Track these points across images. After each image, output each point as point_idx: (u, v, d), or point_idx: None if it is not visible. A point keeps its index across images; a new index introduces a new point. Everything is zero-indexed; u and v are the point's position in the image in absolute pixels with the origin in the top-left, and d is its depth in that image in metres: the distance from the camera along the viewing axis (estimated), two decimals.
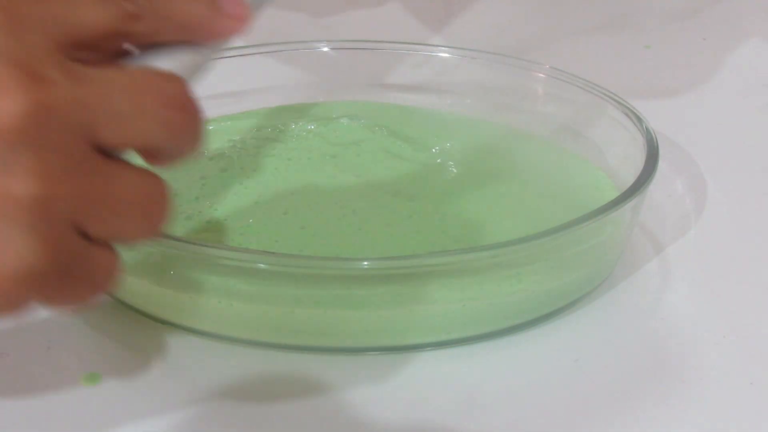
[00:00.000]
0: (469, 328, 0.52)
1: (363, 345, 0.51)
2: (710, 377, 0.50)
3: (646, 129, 0.60)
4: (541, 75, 0.68)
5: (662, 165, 0.61)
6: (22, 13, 0.33)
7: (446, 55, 0.71)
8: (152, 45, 0.36)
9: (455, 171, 0.63)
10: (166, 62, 0.36)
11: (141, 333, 0.53)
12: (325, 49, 0.71)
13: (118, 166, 0.34)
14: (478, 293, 0.51)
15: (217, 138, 0.65)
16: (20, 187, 0.32)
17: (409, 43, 0.71)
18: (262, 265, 0.49)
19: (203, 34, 0.37)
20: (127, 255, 0.49)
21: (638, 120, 0.61)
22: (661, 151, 0.58)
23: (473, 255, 0.50)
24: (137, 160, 0.36)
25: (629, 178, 0.56)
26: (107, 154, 0.34)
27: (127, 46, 0.36)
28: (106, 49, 0.35)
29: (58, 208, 0.33)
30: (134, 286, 0.52)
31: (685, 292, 0.57)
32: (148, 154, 0.36)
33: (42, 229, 0.32)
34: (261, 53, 0.70)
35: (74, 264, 0.34)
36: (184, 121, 0.35)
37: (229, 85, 0.70)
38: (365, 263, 0.49)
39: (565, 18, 0.93)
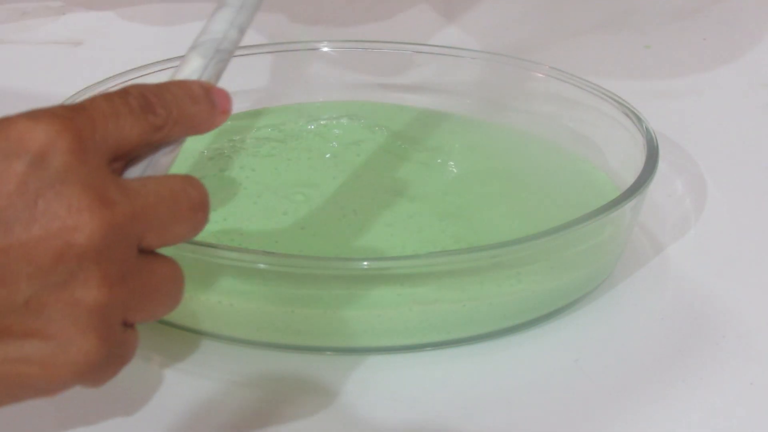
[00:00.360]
0: (469, 328, 0.52)
1: (363, 345, 0.51)
2: (710, 377, 0.50)
3: (646, 129, 0.60)
4: (541, 75, 0.68)
5: (662, 165, 0.61)
6: (85, 137, 0.36)
7: (446, 55, 0.71)
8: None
9: (455, 171, 0.63)
10: (166, 157, 0.41)
11: (141, 333, 0.52)
12: (326, 49, 0.71)
13: (153, 260, 0.39)
14: (478, 293, 0.51)
15: (217, 138, 0.65)
16: (86, 296, 0.36)
17: (409, 43, 0.71)
18: (262, 265, 0.49)
19: (202, 129, 0.41)
20: None
21: (638, 120, 0.61)
22: (661, 151, 0.58)
23: (473, 255, 0.50)
24: None
25: (629, 178, 0.56)
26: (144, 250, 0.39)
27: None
28: (127, 155, 0.39)
29: (114, 309, 0.37)
30: None
31: (685, 292, 0.57)
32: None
33: (101, 329, 0.37)
34: (261, 53, 0.70)
35: (118, 352, 0.38)
36: (204, 218, 0.40)
37: (229, 85, 0.70)
38: (365, 263, 0.49)
39: (565, 18, 0.93)
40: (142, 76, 0.66)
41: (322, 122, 0.67)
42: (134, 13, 0.93)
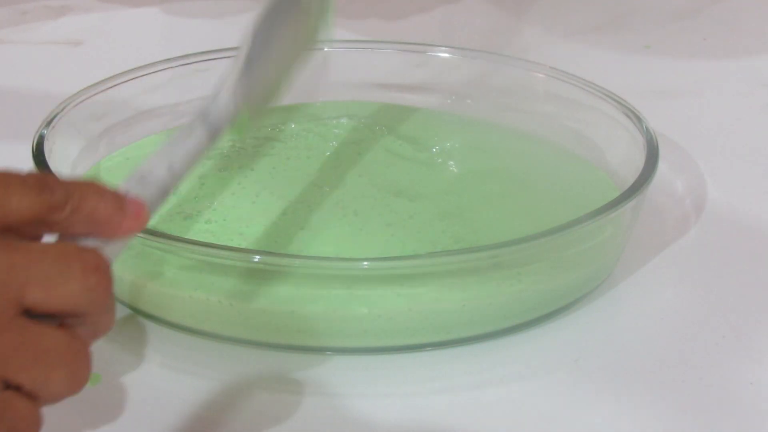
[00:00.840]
0: (469, 328, 0.52)
1: (363, 345, 0.51)
2: (710, 377, 0.50)
3: (646, 129, 0.60)
4: (541, 75, 0.68)
5: (662, 165, 0.61)
6: None
7: (446, 55, 0.71)
8: (64, 235, 0.39)
9: (455, 171, 0.63)
10: None
11: (141, 333, 0.53)
12: (325, 49, 0.71)
13: (43, 326, 0.37)
14: (478, 293, 0.51)
15: None
16: None
17: (409, 43, 0.71)
18: (262, 265, 0.49)
19: (108, 230, 0.39)
20: (127, 254, 0.49)
21: (638, 120, 0.61)
22: (661, 151, 0.58)
23: (473, 255, 0.50)
24: None
25: (629, 178, 0.56)
26: (33, 317, 0.37)
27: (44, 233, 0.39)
28: (26, 234, 0.38)
29: None
30: (133, 287, 0.52)
31: (685, 292, 0.57)
32: (70, 322, 0.38)
33: None
34: None
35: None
36: (103, 285, 0.37)
37: None
38: (365, 263, 0.49)
39: (565, 18, 0.93)
40: (142, 75, 0.66)
41: (322, 122, 0.67)
42: (134, 13, 0.93)
